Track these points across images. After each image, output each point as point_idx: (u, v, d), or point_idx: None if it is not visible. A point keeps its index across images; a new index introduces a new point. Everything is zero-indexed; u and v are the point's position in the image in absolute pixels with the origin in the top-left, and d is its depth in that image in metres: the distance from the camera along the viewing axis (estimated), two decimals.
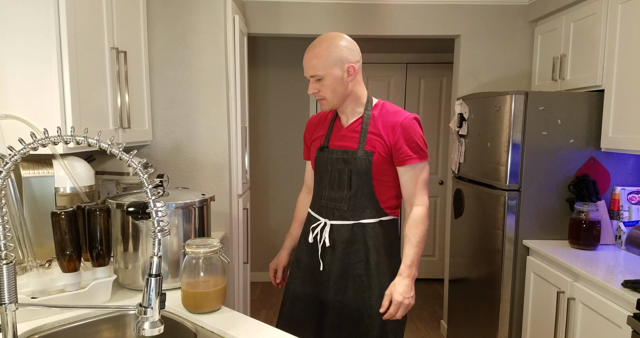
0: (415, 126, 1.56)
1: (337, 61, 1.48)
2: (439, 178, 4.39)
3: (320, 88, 1.51)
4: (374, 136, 1.55)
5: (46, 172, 1.53)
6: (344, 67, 1.50)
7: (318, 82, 1.51)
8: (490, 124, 2.47)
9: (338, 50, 1.49)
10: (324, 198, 1.62)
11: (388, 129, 1.54)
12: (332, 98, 1.53)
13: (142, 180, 0.96)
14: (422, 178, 1.56)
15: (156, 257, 0.96)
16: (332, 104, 1.56)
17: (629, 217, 2.23)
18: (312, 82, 1.52)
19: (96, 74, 1.69)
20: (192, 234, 1.54)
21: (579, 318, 1.93)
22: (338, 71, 1.49)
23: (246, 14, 3.00)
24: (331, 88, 1.51)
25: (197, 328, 1.26)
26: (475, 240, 2.69)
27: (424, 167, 1.56)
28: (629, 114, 2.06)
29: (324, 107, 1.58)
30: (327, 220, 1.59)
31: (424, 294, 4.16)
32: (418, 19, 3.03)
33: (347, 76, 1.51)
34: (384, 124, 1.55)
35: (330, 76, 1.49)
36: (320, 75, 1.49)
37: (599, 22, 2.27)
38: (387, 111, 1.58)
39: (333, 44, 1.49)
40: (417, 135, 1.55)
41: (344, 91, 1.53)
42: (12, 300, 1.00)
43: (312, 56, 1.50)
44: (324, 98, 1.54)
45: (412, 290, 1.50)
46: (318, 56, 1.48)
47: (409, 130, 1.54)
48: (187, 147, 2.42)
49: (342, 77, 1.50)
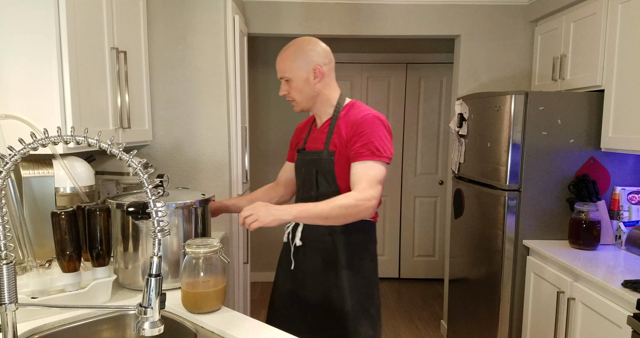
0: (375, 124, 1.50)
1: (303, 63, 1.55)
2: (439, 178, 4.39)
3: (290, 89, 1.58)
4: (338, 136, 1.55)
5: (46, 172, 1.53)
6: (309, 69, 1.55)
7: (287, 83, 1.57)
8: (490, 124, 2.46)
9: (304, 52, 1.55)
10: (298, 199, 1.68)
11: (348, 126, 1.53)
12: (301, 99, 1.58)
13: (142, 180, 0.96)
14: (372, 175, 1.46)
15: (156, 257, 0.96)
16: (302, 105, 1.60)
17: (629, 217, 2.23)
18: (283, 84, 1.59)
19: (96, 74, 1.69)
20: (192, 234, 1.54)
21: (579, 318, 1.93)
22: (304, 73, 1.55)
23: (246, 14, 3.00)
24: (298, 89, 1.56)
25: (197, 328, 1.26)
26: (475, 240, 2.69)
27: (376, 166, 1.47)
28: (629, 114, 2.06)
29: (295, 108, 1.63)
30: None
31: (424, 294, 4.16)
32: (418, 19, 3.03)
33: (313, 78, 1.56)
34: (346, 122, 1.55)
35: (297, 77, 1.55)
36: (288, 76, 1.55)
37: (599, 22, 2.27)
38: (353, 110, 1.58)
39: (300, 47, 1.56)
40: (373, 133, 1.49)
41: (311, 92, 1.58)
42: (12, 300, 1.00)
43: (281, 59, 1.57)
44: (293, 99, 1.60)
45: (275, 218, 1.37)
46: (286, 58, 1.56)
47: (365, 126, 1.49)
48: (187, 147, 2.42)
49: (308, 79, 1.55)
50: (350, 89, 4.33)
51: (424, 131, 4.36)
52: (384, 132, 1.51)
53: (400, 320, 3.61)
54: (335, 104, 1.61)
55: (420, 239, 4.46)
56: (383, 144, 1.49)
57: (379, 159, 1.48)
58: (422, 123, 4.35)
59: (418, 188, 4.40)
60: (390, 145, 1.53)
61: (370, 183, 1.45)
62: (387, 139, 1.52)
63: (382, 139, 1.49)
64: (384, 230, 4.45)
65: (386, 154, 1.49)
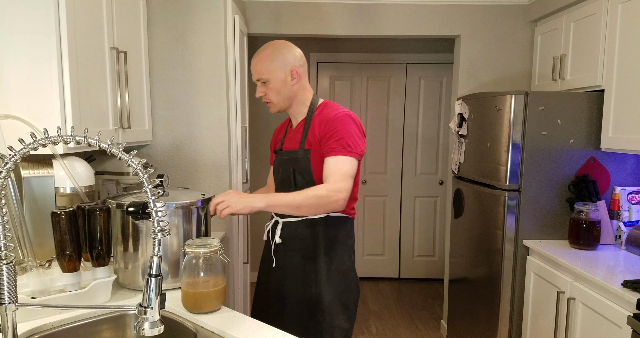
0: (347, 121, 1.54)
1: (280, 64, 1.57)
2: (439, 178, 4.39)
3: (266, 91, 1.60)
4: (312, 135, 1.59)
5: (46, 172, 1.53)
6: (287, 70, 1.58)
7: (264, 85, 1.59)
8: (490, 124, 2.46)
9: (282, 54, 1.58)
10: None
11: (322, 125, 1.57)
12: (278, 101, 1.61)
13: (142, 180, 0.96)
14: (344, 169, 1.50)
15: (156, 257, 0.96)
16: (278, 106, 1.63)
17: (629, 217, 2.23)
18: (259, 85, 1.61)
19: (96, 74, 1.69)
20: (192, 234, 1.54)
21: (579, 318, 1.93)
22: (281, 74, 1.58)
23: (246, 14, 3.00)
24: (275, 90, 1.59)
25: (197, 328, 1.26)
26: (475, 240, 2.69)
27: (347, 160, 1.51)
28: (629, 114, 2.06)
29: (272, 110, 1.65)
30: (279, 218, 1.65)
31: (424, 294, 4.16)
32: (418, 19, 3.03)
33: (290, 79, 1.59)
34: (320, 121, 1.58)
35: (275, 79, 1.58)
36: (265, 78, 1.57)
37: (599, 22, 2.27)
38: (327, 110, 1.61)
39: (277, 49, 1.59)
40: (345, 130, 1.52)
41: (288, 93, 1.61)
42: (12, 300, 1.00)
43: (256, 61, 1.59)
44: (270, 101, 1.62)
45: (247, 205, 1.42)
46: (262, 60, 1.58)
47: (337, 124, 1.54)
48: (187, 147, 2.42)
49: (285, 80, 1.59)
50: (350, 89, 4.33)
51: (424, 131, 4.36)
52: (355, 130, 1.55)
53: (400, 320, 3.61)
54: (310, 104, 1.65)
55: (420, 239, 4.46)
56: (354, 141, 1.53)
57: (350, 155, 1.51)
58: (422, 123, 4.35)
59: (418, 188, 4.40)
60: (362, 143, 1.56)
61: (342, 177, 1.49)
62: (359, 136, 1.55)
63: (354, 136, 1.53)
64: (384, 229, 4.45)
65: (357, 150, 1.53)
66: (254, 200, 1.43)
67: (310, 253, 1.62)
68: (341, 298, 1.62)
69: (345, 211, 1.63)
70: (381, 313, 3.72)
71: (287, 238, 1.64)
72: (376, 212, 4.43)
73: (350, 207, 1.65)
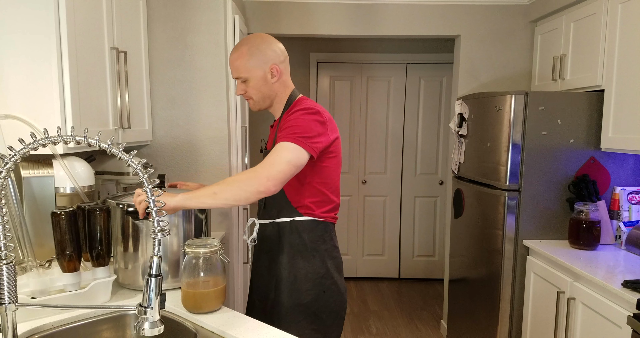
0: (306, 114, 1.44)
1: (259, 62, 1.49)
2: (439, 178, 4.39)
3: (247, 89, 1.53)
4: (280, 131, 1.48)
5: (46, 172, 1.53)
6: (266, 68, 1.50)
7: (244, 83, 1.52)
8: (490, 124, 2.46)
9: (259, 51, 1.49)
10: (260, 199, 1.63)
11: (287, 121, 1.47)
12: (258, 98, 1.54)
13: (142, 180, 0.96)
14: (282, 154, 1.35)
15: (156, 257, 0.96)
16: (259, 104, 1.57)
17: (629, 217, 2.23)
18: (239, 83, 1.53)
19: (96, 74, 1.69)
20: (192, 234, 1.54)
21: (579, 318, 1.93)
22: (260, 72, 1.50)
23: (246, 14, 3.00)
24: (256, 89, 1.52)
25: (197, 328, 1.26)
26: (475, 240, 2.69)
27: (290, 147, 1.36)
28: (629, 114, 2.06)
29: (253, 108, 1.59)
30: (255, 219, 1.63)
31: (424, 294, 4.16)
32: (418, 19, 3.03)
33: (271, 77, 1.52)
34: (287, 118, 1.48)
35: (254, 77, 1.50)
36: (244, 77, 1.50)
37: (599, 22, 2.27)
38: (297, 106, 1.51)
39: (255, 46, 1.50)
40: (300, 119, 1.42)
41: (269, 91, 1.54)
42: (12, 300, 1.00)
43: (234, 58, 1.51)
44: (250, 98, 1.55)
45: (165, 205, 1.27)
46: (240, 58, 1.49)
47: (292, 117, 1.44)
48: (187, 147, 2.42)
49: (265, 78, 1.51)
50: (350, 89, 4.33)
51: (424, 131, 4.36)
52: (314, 123, 1.42)
53: (400, 320, 3.61)
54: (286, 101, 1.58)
55: (420, 239, 4.46)
56: (307, 131, 1.40)
57: (296, 142, 1.37)
58: (422, 123, 4.35)
59: (418, 188, 4.40)
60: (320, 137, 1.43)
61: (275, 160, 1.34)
62: (318, 131, 1.42)
63: (310, 128, 1.41)
64: (384, 229, 4.45)
65: (308, 141, 1.38)
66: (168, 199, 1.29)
67: (276, 257, 1.56)
68: (309, 307, 1.51)
69: (316, 215, 1.53)
70: (381, 313, 3.72)
71: (259, 239, 1.62)
72: (376, 212, 4.43)
73: (323, 210, 1.54)
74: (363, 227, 4.44)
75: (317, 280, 1.52)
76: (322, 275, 1.53)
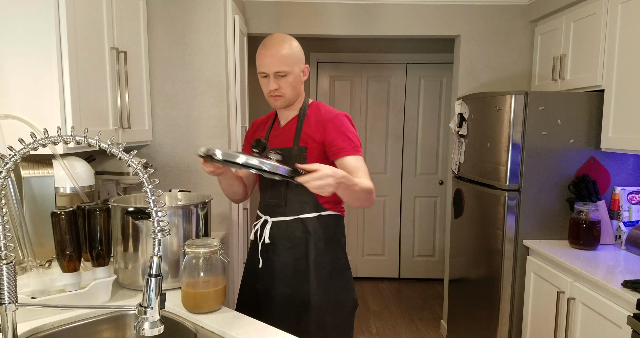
0: (345, 121, 1.59)
1: (298, 59, 1.57)
2: (439, 178, 4.39)
3: (283, 85, 1.55)
4: (307, 133, 1.59)
5: (46, 172, 1.53)
6: (302, 66, 1.59)
7: (281, 78, 1.55)
8: (490, 124, 2.46)
9: (298, 50, 1.59)
10: (266, 197, 1.66)
11: (319, 126, 1.58)
12: (291, 95, 1.58)
13: (142, 180, 0.96)
14: (364, 167, 1.55)
15: (156, 257, 0.96)
16: (289, 101, 1.60)
17: (629, 217, 2.23)
18: (273, 79, 1.54)
19: (96, 74, 1.69)
20: (192, 234, 1.54)
21: (579, 318, 1.93)
22: (298, 70, 1.58)
23: (246, 14, 3.00)
24: (292, 85, 1.57)
25: (197, 328, 1.26)
26: (475, 240, 2.69)
27: (360, 159, 1.56)
28: (629, 114, 2.06)
29: (280, 104, 1.60)
30: (268, 217, 1.64)
31: (424, 294, 4.16)
32: (418, 19, 3.03)
33: (302, 76, 1.61)
34: (316, 121, 1.59)
35: (294, 73, 1.56)
36: (286, 71, 1.54)
37: (599, 22, 2.27)
38: (320, 110, 1.63)
39: (294, 44, 1.58)
40: (347, 129, 1.57)
41: (299, 90, 1.61)
42: (12, 300, 1.00)
43: (276, 52, 1.53)
44: (283, 95, 1.57)
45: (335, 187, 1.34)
46: (284, 53, 1.54)
47: (338, 124, 1.57)
48: (187, 147, 2.42)
49: (300, 76, 1.59)
50: (350, 89, 4.33)
51: (424, 131, 4.36)
52: (353, 128, 1.61)
53: (400, 320, 3.61)
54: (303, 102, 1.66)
55: (420, 239, 4.46)
56: (357, 140, 1.59)
57: (359, 154, 1.56)
58: (422, 123, 4.35)
59: (418, 188, 4.40)
60: None
61: (367, 175, 1.53)
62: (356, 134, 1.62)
63: (356, 136, 1.60)
64: (384, 229, 4.45)
65: (359, 147, 1.59)
66: (341, 179, 1.35)
67: (303, 252, 1.60)
68: (337, 296, 1.61)
69: (337, 209, 1.64)
70: (381, 313, 3.72)
71: (277, 237, 1.62)
72: (376, 212, 4.43)
73: (340, 204, 1.66)
74: (363, 227, 4.44)
75: (344, 272, 1.64)
76: (344, 266, 1.65)
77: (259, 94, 4.16)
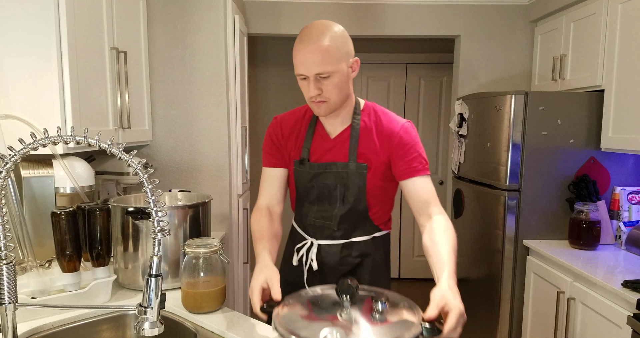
0: (414, 134, 1.36)
1: (344, 54, 1.23)
2: (439, 178, 4.39)
3: (326, 88, 1.24)
4: (367, 146, 1.34)
5: (46, 172, 1.53)
6: (349, 61, 1.25)
7: (323, 80, 1.23)
8: (490, 124, 2.46)
9: (343, 41, 1.23)
10: (311, 216, 1.43)
11: (384, 140, 1.34)
12: (337, 99, 1.27)
13: (142, 180, 0.96)
14: (432, 190, 1.35)
15: (156, 257, 0.96)
16: (335, 106, 1.29)
17: (629, 217, 2.23)
18: (314, 81, 1.22)
19: (96, 74, 1.69)
20: (192, 234, 1.54)
21: (579, 318, 1.93)
22: (345, 66, 1.24)
23: (246, 14, 3.00)
24: (338, 87, 1.25)
25: (197, 328, 1.26)
26: (475, 240, 2.69)
27: (429, 181, 1.36)
28: (629, 114, 2.06)
29: (324, 111, 1.29)
30: (314, 240, 1.42)
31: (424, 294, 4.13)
32: (418, 19, 3.03)
33: (351, 72, 1.28)
34: (379, 132, 1.35)
35: (339, 72, 1.23)
36: (329, 71, 1.21)
37: (599, 22, 2.27)
38: (380, 117, 1.37)
39: (337, 35, 1.22)
40: (417, 144, 1.35)
41: (347, 90, 1.29)
42: (12, 300, 1.00)
43: (316, 50, 1.19)
44: (327, 100, 1.26)
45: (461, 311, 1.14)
46: (325, 49, 1.19)
47: (407, 139, 1.33)
48: (187, 147, 2.42)
49: (348, 74, 1.26)
50: None
51: (424, 131, 4.36)
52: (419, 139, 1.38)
53: None
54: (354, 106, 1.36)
55: (420, 239, 4.45)
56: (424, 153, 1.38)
57: (428, 173, 1.35)
58: (422, 123, 4.35)
59: None
60: None
61: (437, 198, 1.34)
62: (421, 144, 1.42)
63: (422, 147, 1.37)
64: None
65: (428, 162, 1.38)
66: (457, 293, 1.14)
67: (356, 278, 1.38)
68: None
69: (389, 226, 1.49)
70: None
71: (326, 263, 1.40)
72: None
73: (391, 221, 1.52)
74: None
75: None
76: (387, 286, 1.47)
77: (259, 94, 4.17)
